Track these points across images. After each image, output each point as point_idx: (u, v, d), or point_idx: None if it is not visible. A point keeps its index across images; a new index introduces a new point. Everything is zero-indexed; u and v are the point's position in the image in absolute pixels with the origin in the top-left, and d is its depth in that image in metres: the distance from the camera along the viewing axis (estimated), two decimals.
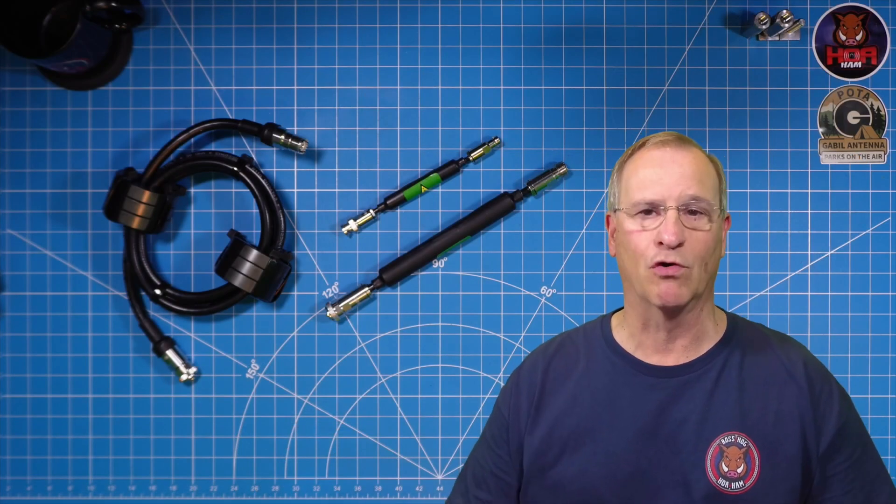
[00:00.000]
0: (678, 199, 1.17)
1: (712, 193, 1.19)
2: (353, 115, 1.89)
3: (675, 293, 1.16)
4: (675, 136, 1.23)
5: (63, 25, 1.84)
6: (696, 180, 1.18)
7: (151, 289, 1.85)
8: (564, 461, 1.23)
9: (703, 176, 1.19)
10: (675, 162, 1.19)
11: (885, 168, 1.86)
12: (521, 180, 1.88)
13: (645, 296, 1.19)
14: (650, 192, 1.18)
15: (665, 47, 1.87)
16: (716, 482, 1.18)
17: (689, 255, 1.16)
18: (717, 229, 1.19)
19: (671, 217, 1.16)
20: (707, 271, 1.19)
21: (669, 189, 1.17)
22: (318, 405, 1.88)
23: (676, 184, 1.17)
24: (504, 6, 1.88)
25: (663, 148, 1.20)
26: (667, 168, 1.19)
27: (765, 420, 1.19)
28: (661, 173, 1.18)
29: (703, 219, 1.18)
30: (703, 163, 1.21)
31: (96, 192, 1.89)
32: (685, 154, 1.20)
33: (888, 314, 1.86)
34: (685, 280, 1.16)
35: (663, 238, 1.15)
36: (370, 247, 1.89)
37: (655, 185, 1.18)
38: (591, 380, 1.26)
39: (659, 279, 1.16)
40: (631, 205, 1.20)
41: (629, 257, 1.20)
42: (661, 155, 1.20)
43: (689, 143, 1.22)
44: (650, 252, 1.17)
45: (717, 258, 1.21)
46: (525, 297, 1.88)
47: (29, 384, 1.89)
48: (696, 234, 1.17)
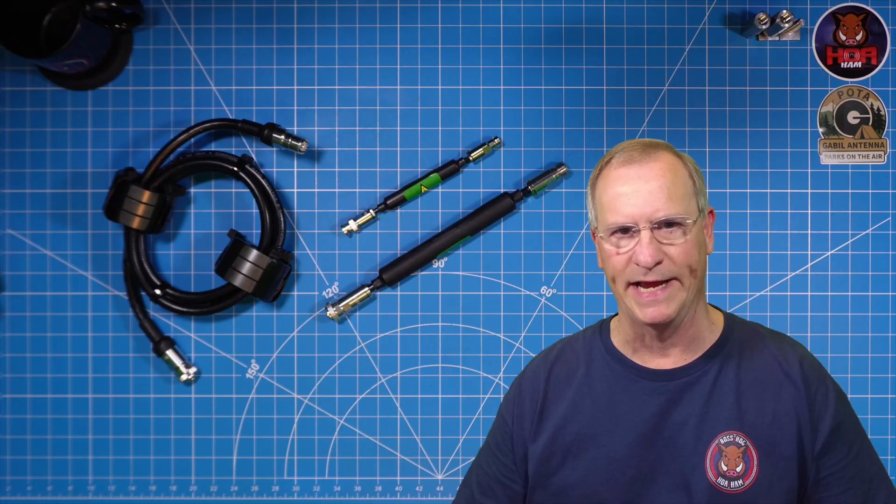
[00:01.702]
0: (649, 219, 1.15)
1: (685, 203, 1.17)
2: (353, 115, 1.89)
3: (661, 312, 1.17)
4: (641, 148, 1.19)
5: (63, 25, 1.84)
6: (664, 196, 1.15)
7: (151, 289, 1.85)
8: (567, 467, 1.24)
9: (672, 187, 1.16)
10: (642, 178, 1.16)
11: (885, 168, 1.86)
12: (521, 180, 1.88)
13: (633, 316, 1.20)
14: (621, 216, 1.16)
15: (665, 47, 1.87)
16: (715, 481, 1.18)
17: (671, 268, 1.16)
18: (698, 233, 1.18)
19: (645, 238, 1.15)
20: (695, 276, 1.18)
21: (640, 209, 1.15)
22: (318, 405, 1.88)
23: (645, 203, 1.15)
24: (504, 6, 1.88)
25: (628, 165, 1.17)
26: (634, 186, 1.16)
27: (762, 420, 1.20)
28: (629, 193, 1.16)
29: (678, 231, 1.16)
30: (671, 171, 1.17)
31: (96, 192, 1.89)
32: (651, 167, 1.17)
33: (888, 314, 1.86)
34: (671, 297, 1.16)
35: (639, 260, 1.15)
36: (370, 247, 1.89)
37: (625, 206, 1.16)
38: (591, 386, 1.26)
39: (642, 301, 1.17)
40: (605, 228, 1.19)
41: (610, 277, 1.21)
42: (627, 172, 1.17)
43: (655, 151, 1.19)
44: (629, 270, 1.17)
45: (704, 259, 1.21)
46: (525, 297, 1.88)
47: (29, 384, 1.89)
48: (673, 248, 1.16)
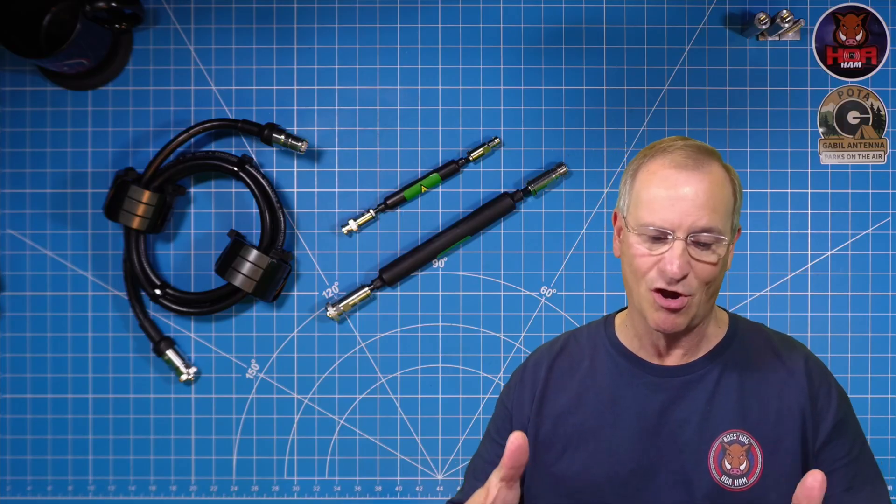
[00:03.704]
0: (688, 230, 1.12)
1: (724, 219, 1.14)
2: (353, 115, 1.89)
3: (672, 323, 1.16)
4: (694, 153, 1.15)
5: (63, 25, 1.84)
6: (708, 209, 1.12)
7: (151, 289, 1.85)
8: (567, 458, 1.24)
9: (717, 203, 1.13)
10: (690, 186, 1.12)
11: (885, 168, 1.86)
12: (521, 180, 1.88)
13: (643, 315, 1.19)
14: (659, 218, 1.13)
15: (665, 47, 1.87)
16: (719, 479, 1.18)
17: (693, 284, 1.14)
18: (726, 253, 1.16)
19: (677, 249, 1.12)
20: (710, 294, 1.17)
21: (680, 218, 1.12)
22: (318, 405, 1.88)
23: (687, 213, 1.12)
24: (504, 6, 1.88)
25: (678, 169, 1.14)
26: (680, 192, 1.12)
27: (766, 418, 1.20)
28: (673, 198, 1.12)
29: (710, 249, 1.14)
30: (719, 186, 1.14)
31: (96, 192, 1.89)
32: (702, 178, 1.13)
33: (888, 314, 1.86)
34: (686, 310, 1.15)
35: (667, 269, 1.12)
36: (370, 247, 1.88)
37: (666, 210, 1.13)
38: (595, 379, 1.26)
39: (658, 306, 1.15)
40: (638, 224, 1.15)
41: (631, 274, 1.18)
42: (677, 177, 1.13)
43: (707, 162, 1.15)
44: (652, 275, 1.15)
45: (722, 277, 1.19)
46: (525, 297, 1.88)
47: (29, 384, 1.89)
48: (701, 265, 1.14)
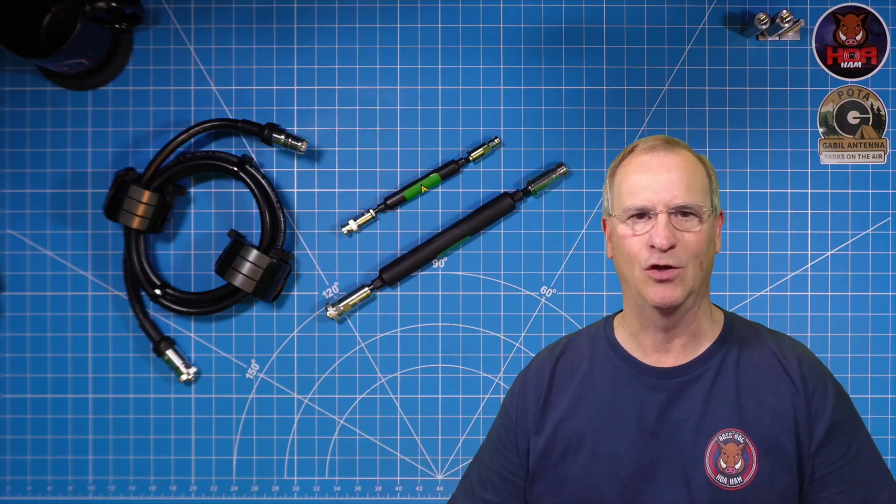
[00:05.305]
0: (668, 204, 1.19)
1: (702, 196, 1.21)
2: (353, 115, 1.89)
3: (670, 294, 1.19)
4: (664, 140, 1.25)
5: (63, 25, 1.84)
6: (683, 186, 1.20)
7: (151, 289, 1.85)
8: (568, 461, 1.25)
9: (691, 180, 1.21)
10: (664, 167, 1.21)
11: (885, 168, 1.86)
12: (521, 180, 1.88)
13: (641, 297, 1.22)
14: (640, 199, 1.21)
15: (665, 47, 1.87)
16: (714, 478, 1.19)
17: (683, 255, 1.19)
18: (709, 228, 1.22)
19: (662, 221, 1.19)
20: (702, 269, 1.21)
21: (659, 194, 1.20)
22: (318, 405, 1.88)
23: (666, 189, 1.20)
24: (504, 6, 1.88)
25: (652, 153, 1.23)
26: (656, 173, 1.21)
27: (761, 417, 1.21)
28: (650, 179, 1.21)
29: (693, 220, 1.20)
30: (691, 165, 1.23)
31: (96, 192, 1.89)
32: (673, 158, 1.22)
33: (888, 314, 1.86)
34: (680, 281, 1.19)
35: (654, 242, 1.18)
36: (370, 247, 1.88)
37: (645, 190, 1.20)
38: (594, 381, 1.28)
39: (654, 282, 1.19)
40: (622, 210, 1.22)
41: (624, 261, 1.23)
42: (650, 160, 1.22)
43: (677, 146, 1.24)
44: (643, 255, 1.20)
45: (712, 255, 1.24)
46: (525, 297, 1.88)
47: (29, 384, 1.89)
48: (687, 235, 1.19)
